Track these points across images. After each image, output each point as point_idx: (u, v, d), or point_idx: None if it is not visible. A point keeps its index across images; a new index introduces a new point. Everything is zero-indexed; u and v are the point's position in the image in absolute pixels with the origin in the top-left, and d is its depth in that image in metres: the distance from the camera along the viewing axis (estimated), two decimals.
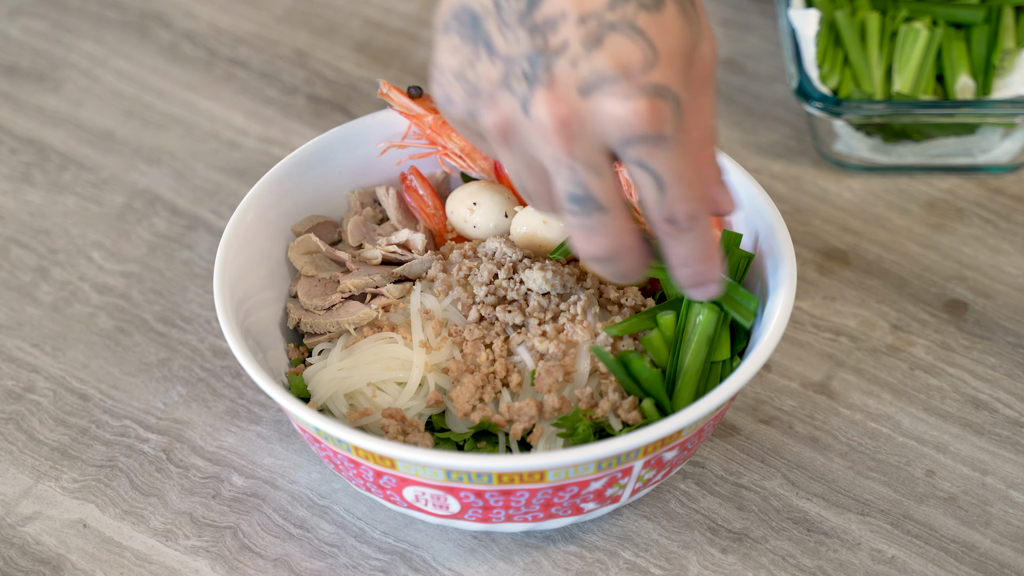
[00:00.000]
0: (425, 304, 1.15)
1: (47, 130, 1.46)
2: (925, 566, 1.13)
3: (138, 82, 1.50)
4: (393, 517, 1.16)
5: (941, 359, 1.26)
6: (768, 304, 1.12)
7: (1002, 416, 1.22)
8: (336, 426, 1.04)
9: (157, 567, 1.14)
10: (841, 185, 1.39)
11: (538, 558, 1.14)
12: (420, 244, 1.19)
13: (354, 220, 1.22)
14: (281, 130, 1.45)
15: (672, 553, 1.14)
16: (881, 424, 1.22)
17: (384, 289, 1.17)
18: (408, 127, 1.23)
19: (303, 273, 1.20)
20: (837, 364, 1.26)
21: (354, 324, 1.16)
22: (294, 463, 1.20)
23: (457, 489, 1.05)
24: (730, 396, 1.06)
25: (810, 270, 1.32)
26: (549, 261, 1.17)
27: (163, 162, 1.42)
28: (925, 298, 1.30)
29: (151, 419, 1.23)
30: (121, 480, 1.19)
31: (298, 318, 1.18)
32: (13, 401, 1.24)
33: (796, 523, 1.16)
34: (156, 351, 1.27)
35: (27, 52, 1.53)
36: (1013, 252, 1.34)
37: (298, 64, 1.51)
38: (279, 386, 1.06)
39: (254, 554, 1.14)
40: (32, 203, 1.39)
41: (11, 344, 1.28)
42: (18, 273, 1.34)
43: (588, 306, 1.14)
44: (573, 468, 1.04)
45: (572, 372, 1.12)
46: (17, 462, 1.20)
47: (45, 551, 1.15)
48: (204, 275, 1.33)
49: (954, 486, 1.18)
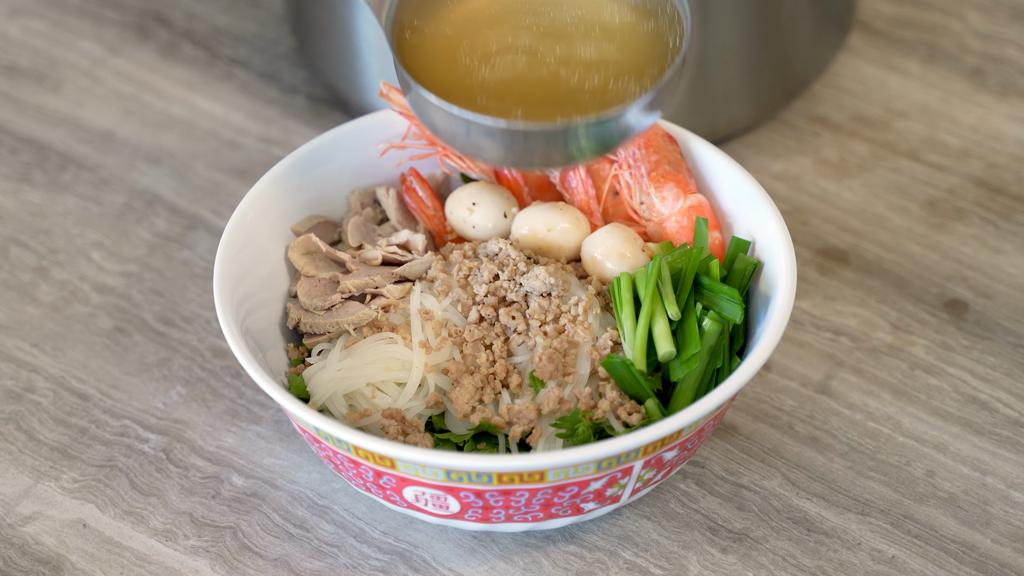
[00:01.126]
0: (425, 304, 1.15)
1: (47, 130, 1.46)
2: (925, 566, 1.13)
3: (138, 82, 1.50)
4: (393, 517, 1.16)
5: (941, 359, 1.26)
6: (768, 304, 1.12)
7: (1002, 416, 1.22)
8: (336, 426, 1.04)
9: (157, 567, 1.14)
10: (841, 185, 1.39)
11: (538, 558, 1.14)
12: (420, 245, 1.19)
13: (354, 221, 1.22)
14: (281, 130, 1.45)
15: (672, 553, 1.14)
16: (881, 424, 1.22)
17: (384, 289, 1.17)
18: (408, 128, 1.23)
19: (303, 273, 1.20)
20: (837, 364, 1.26)
21: (354, 324, 1.16)
22: (294, 463, 1.20)
23: (457, 489, 1.05)
24: (730, 396, 1.06)
25: (810, 270, 1.32)
26: (550, 262, 1.17)
27: (163, 162, 1.42)
28: (925, 298, 1.30)
29: (151, 419, 1.23)
30: (121, 480, 1.19)
31: (298, 318, 1.18)
32: (13, 401, 1.24)
33: (796, 523, 1.16)
34: (156, 351, 1.27)
35: (27, 52, 1.53)
36: (1013, 252, 1.33)
37: (298, 64, 1.51)
38: (279, 386, 1.06)
39: (254, 554, 1.14)
40: (32, 203, 1.39)
41: (11, 344, 1.28)
42: (18, 273, 1.34)
43: (589, 307, 1.14)
44: (573, 468, 1.04)
45: (572, 373, 1.12)
46: (17, 462, 1.20)
47: (45, 551, 1.15)
48: (204, 275, 1.33)
49: (954, 486, 1.18)
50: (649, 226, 1.20)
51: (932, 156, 1.42)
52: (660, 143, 1.20)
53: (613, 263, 1.16)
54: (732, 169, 1.19)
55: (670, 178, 1.19)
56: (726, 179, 1.19)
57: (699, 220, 1.17)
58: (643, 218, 1.20)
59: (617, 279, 1.13)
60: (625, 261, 1.16)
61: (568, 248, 1.18)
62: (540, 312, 1.14)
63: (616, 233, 1.17)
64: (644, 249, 1.17)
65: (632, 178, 1.20)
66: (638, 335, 1.10)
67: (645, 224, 1.20)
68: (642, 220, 1.20)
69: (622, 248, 1.16)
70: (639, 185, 1.20)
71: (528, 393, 1.12)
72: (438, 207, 1.22)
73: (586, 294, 1.14)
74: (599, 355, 1.12)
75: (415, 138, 1.24)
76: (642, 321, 1.10)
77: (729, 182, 1.19)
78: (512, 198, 1.21)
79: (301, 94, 1.49)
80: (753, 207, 1.16)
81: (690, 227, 1.18)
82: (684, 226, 1.18)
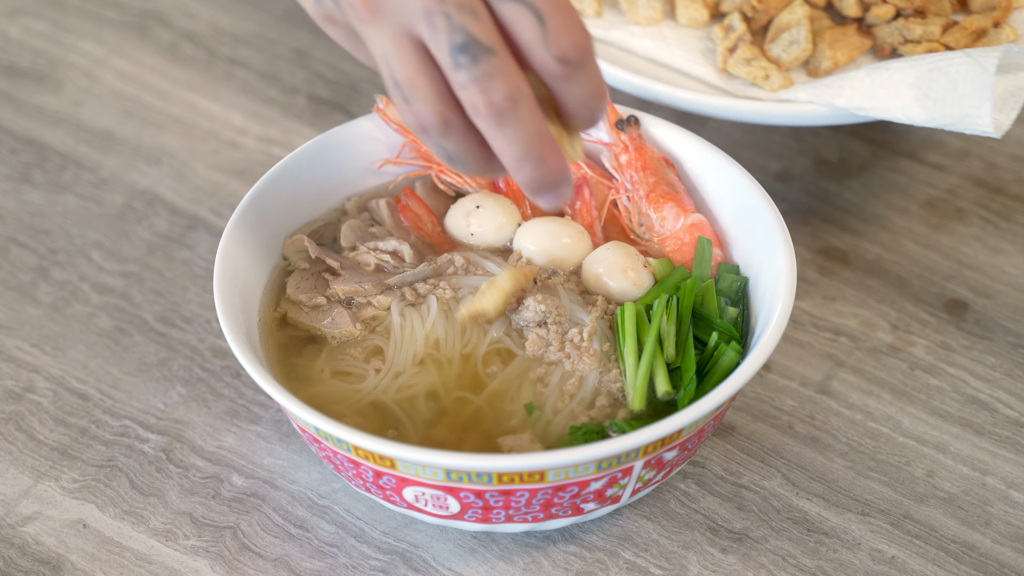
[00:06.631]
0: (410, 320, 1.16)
1: (47, 130, 1.46)
2: (925, 566, 1.13)
3: (138, 82, 1.50)
4: (393, 517, 1.16)
5: (941, 359, 1.26)
6: (768, 304, 1.12)
7: (1002, 416, 1.22)
8: (336, 426, 1.04)
9: (157, 567, 1.14)
10: (841, 185, 1.39)
11: (538, 558, 1.14)
12: (408, 255, 1.19)
13: (350, 223, 1.22)
14: (281, 130, 1.45)
15: (672, 553, 1.14)
16: (881, 424, 1.22)
17: (375, 299, 1.17)
18: (403, 144, 1.23)
19: (296, 267, 1.20)
20: (837, 364, 1.26)
21: (336, 338, 1.16)
22: (294, 463, 1.20)
23: (457, 489, 1.05)
24: (730, 396, 1.06)
25: (810, 270, 1.32)
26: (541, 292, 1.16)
27: (163, 162, 1.42)
28: (925, 298, 1.30)
29: (151, 419, 1.23)
30: (121, 480, 1.19)
31: (285, 311, 1.18)
32: (13, 401, 1.24)
33: (796, 523, 1.16)
34: (156, 351, 1.27)
35: (27, 52, 1.53)
36: (1013, 252, 1.34)
37: (298, 64, 1.51)
38: (279, 386, 1.06)
39: (254, 554, 1.14)
40: (32, 203, 1.39)
41: (11, 344, 1.28)
42: (18, 273, 1.33)
43: (593, 333, 1.14)
44: (573, 468, 1.04)
45: (575, 394, 1.12)
46: (17, 462, 1.20)
47: (45, 551, 1.15)
48: (204, 275, 1.33)
49: (954, 486, 1.18)
50: (649, 246, 1.21)
51: (932, 156, 1.42)
52: (657, 165, 1.21)
53: (616, 280, 1.16)
54: (732, 169, 1.19)
55: (669, 198, 1.20)
56: (725, 179, 1.19)
57: (701, 240, 1.17)
58: (642, 239, 1.21)
59: (621, 309, 1.13)
60: (628, 277, 1.16)
61: (570, 261, 1.19)
62: (540, 345, 1.13)
63: (617, 251, 1.17)
64: (646, 265, 1.17)
65: (630, 201, 1.21)
66: (640, 377, 1.10)
67: (645, 244, 1.21)
68: (642, 241, 1.21)
69: (624, 264, 1.16)
70: (638, 208, 1.20)
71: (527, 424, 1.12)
72: (435, 223, 1.22)
73: (590, 318, 1.14)
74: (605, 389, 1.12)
75: (410, 153, 1.24)
76: (643, 368, 1.10)
77: (729, 182, 1.19)
78: (514, 206, 1.21)
79: (301, 94, 1.49)
80: (753, 207, 1.16)
81: (691, 244, 1.18)
82: (686, 243, 1.19)
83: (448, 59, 0.92)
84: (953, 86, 1.21)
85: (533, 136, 0.93)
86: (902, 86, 1.23)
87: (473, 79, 0.91)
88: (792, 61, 1.30)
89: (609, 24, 1.36)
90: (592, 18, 1.36)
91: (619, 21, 1.37)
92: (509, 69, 0.92)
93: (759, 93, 1.30)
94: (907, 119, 1.22)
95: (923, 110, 1.22)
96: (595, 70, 0.94)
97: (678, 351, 1.12)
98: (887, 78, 1.23)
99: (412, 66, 0.93)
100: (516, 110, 0.92)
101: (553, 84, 0.94)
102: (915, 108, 1.22)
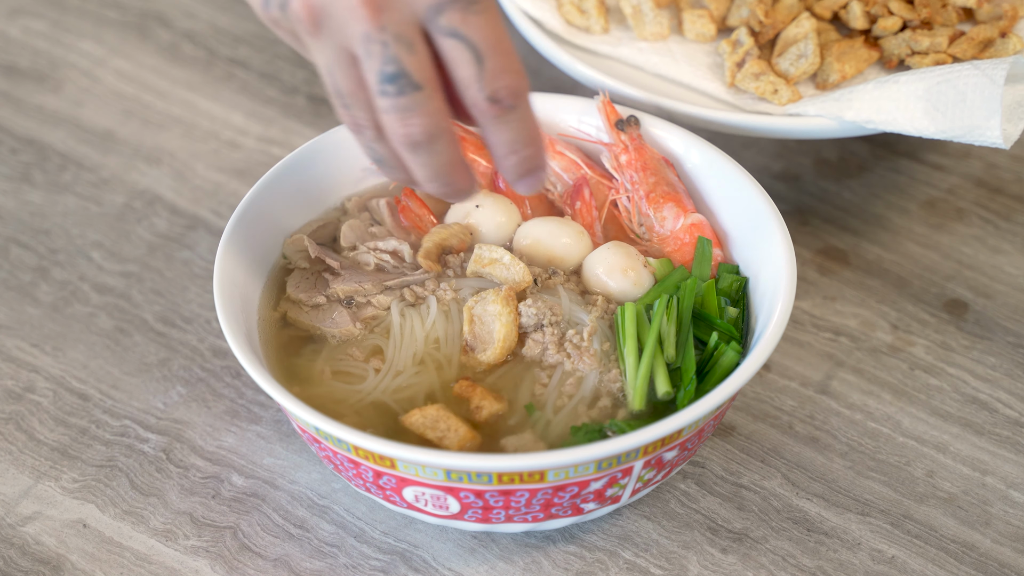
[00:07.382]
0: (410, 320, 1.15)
1: (47, 130, 1.46)
2: (925, 566, 1.13)
3: (138, 82, 1.50)
4: (393, 517, 1.16)
5: (941, 359, 1.26)
6: (768, 304, 1.12)
7: (1002, 416, 1.22)
8: (336, 426, 1.04)
9: (157, 567, 1.14)
10: (841, 185, 1.39)
11: (538, 558, 1.14)
12: (408, 255, 1.19)
13: (350, 223, 1.22)
14: (281, 130, 1.45)
15: (672, 553, 1.14)
16: (881, 424, 1.22)
17: (374, 299, 1.17)
18: None
19: (295, 266, 1.20)
20: (837, 364, 1.26)
21: (335, 337, 1.16)
22: (294, 463, 1.20)
23: (457, 489, 1.05)
24: (730, 396, 1.06)
25: (810, 270, 1.32)
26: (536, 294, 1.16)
27: (163, 162, 1.42)
28: (925, 298, 1.30)
29: (151, 419, 1.23)
30: (121, 480, 1.19)
31: (284, 310, 1.18)
32: (13, 401, 1.24)
33: (796, 523, 1.16)
34: (156, 351, 1.27)
35: (27, 52, 1.53)
36: (1013, 252, 1.34)
37: (298, 64, 1.51)
38: (280, 386, 1.06)
39: (254, 554, 1.14)
40: (32, 203, 1.39)
41: (11, 344, 1.28)
42: (18, 273, 1.33)
43: (593, 333, 1.13)
44: (573, 468, 1.04)
45: (574, 394, 1.12)
46: (17, 462, 1.20)
47: (45, 551, 1.15)
48: (204, 275, 1.33)
49: (954, 486, 1.18)
50: (649, 246, 1.21)
51: (932, 156, 1.42)
52: (657, 166, 1.21)
53: (616, 280, 1.16)
54: (732, 169, 1.19)
55: (669, 198, 1.20)
56: (725, 179, 1.20)
57: (701, 240, 1.18)
58: (643, 239, 1.21)
59: (621, 309, 1.13)
60: (628, 277, 1.16)
61: (570, 261, 1.19)
62: (537, 348, 1.13)
63: (617, 250, 1.17)
64: (646, 265, 1.17)
65: (630, 202, 1.21)
66: (640, 377, 1.10)
67: (645, 244, 1.21)
68: (642, 241, 1.21)
69: (624, 264, 1.16)
70: (638, 208, 1.20)
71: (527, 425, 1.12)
72: (435, 223, 1.22)
73: (590, 318, 1.14)
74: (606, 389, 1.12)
75: None
76: (643, 368, 1.10)
77: (729, 182, 1.19)
78: (514, 207, 1.21)
79: (301, 94, 1.49)
80: (753, 207, 1.16)
81: (691, 244, 1.18)
82: (686, 243, 1.19)
83: (376, 85, 0.95)
84: (962, 98, 1.21)
85: (444, 164, 0.98)
86: (911, 99, 1.23)
87: (395, 108, 0.95)
88: (800, 75, 1.30)
89: (617, 40, 1.36)
90: (600, 35, 1.36)
91: (627, 37, 1.37)
92: (432, 107, 0.95)
93: (768, 107, 1.29)
94: (916, 132, 1.22)
95: (932, 123, 1.22)
96: (528, 117, 0.97)
97: (678, 351, 1.12)
98: (896, 91, 1.23)
99: (353, 80, 0.97)
100: (431, 144, 0.96)
101: (482, 123, 0.97)
102: (924, 121, 1.22)
